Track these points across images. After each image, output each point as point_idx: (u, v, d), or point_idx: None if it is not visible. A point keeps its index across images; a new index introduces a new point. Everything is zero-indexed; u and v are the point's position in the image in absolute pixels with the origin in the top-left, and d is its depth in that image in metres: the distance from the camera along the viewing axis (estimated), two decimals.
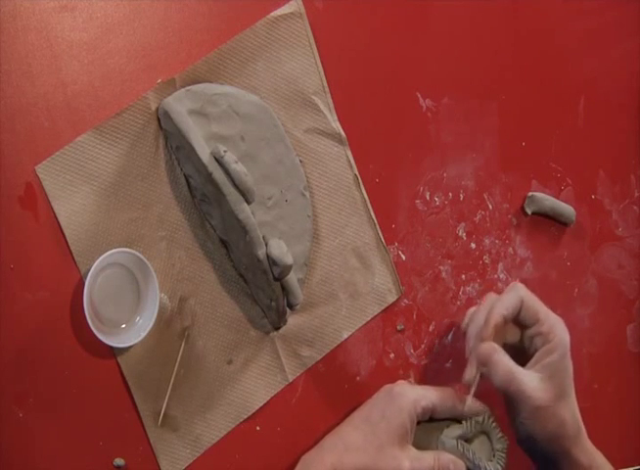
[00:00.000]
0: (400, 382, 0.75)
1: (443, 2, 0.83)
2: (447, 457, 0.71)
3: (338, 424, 0.74)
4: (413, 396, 0.71)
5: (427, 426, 0.73)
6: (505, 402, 0.74)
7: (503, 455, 0.73)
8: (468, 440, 0.73)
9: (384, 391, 0.73)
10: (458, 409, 0.72)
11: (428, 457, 0.70)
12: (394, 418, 0.70)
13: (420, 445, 0.72)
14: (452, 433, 0.72)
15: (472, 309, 0.77)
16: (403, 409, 0.70)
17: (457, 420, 0.73)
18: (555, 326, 0.72)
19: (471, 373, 0.73)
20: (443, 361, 0.82)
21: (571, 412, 0.72)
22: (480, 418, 0.73)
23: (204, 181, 0.70)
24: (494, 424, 0.73)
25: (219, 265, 0.74)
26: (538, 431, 0.71)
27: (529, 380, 0.70)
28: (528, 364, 0.72)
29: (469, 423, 0.72)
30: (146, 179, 0.71)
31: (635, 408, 0.91)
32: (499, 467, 0.72)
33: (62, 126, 0.69)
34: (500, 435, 0.73)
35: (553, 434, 0.71)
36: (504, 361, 0.70)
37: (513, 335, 0.75)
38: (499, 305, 0.73)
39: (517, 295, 0.73)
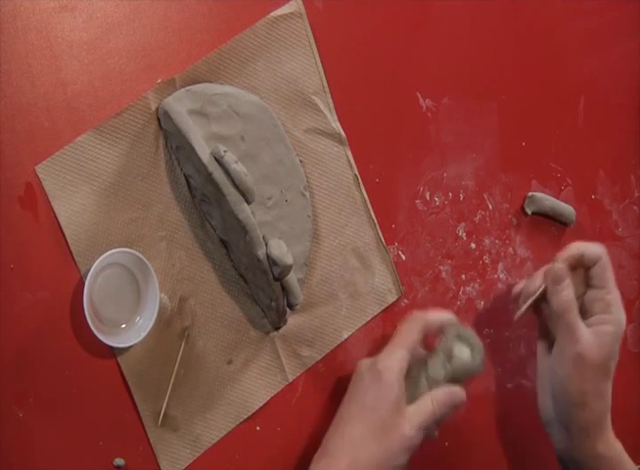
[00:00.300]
0: (371, 359, 0.73)
1: (443, 2, 0.83)
2: (441, 392, 0.71)
3: (340, 406, 0.74)
4: (396, 364, 0.71)
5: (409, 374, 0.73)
6: (539, 344, 0.76)
7: (480, 347, 0.73)
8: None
9: (366, 371, 0.72)
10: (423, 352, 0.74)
11: (423, 405, 0.70)
12: (389, 395, 0.70)
13: (412, 392, 0.72)
14: (434, 364, 0.73)
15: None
16: (393, 383, 0.70)
17: None
18: (618, 301, 0.73)
19: (534, 285, 0.74)
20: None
21: (599, 398, 0.73)
22: (451, 328, 0.74)
23: (204, 181, 0.70)
24: (462, 328, 0.74)
25: (219, 265, 0.74)
26: (572, 383, 0.72)
27: (585, 329, 0.72)
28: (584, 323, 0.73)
29: (444, 339, 0.73)
30: (146, 179, 0.71)
31: (635, 408, 0.91)
32: (479, 358, 0.72)
33: (62, 126, 0.69)
34: (472, 334, 0.74)
35: (583, 397, 0.72)
36: (571, 291, 0.72)
37: (576, 287, 0.75)
38: (582, 244, 0.74)
39: (600, 249, 0.74)
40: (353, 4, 0.79)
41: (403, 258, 0.81)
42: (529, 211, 0.86)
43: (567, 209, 0.87)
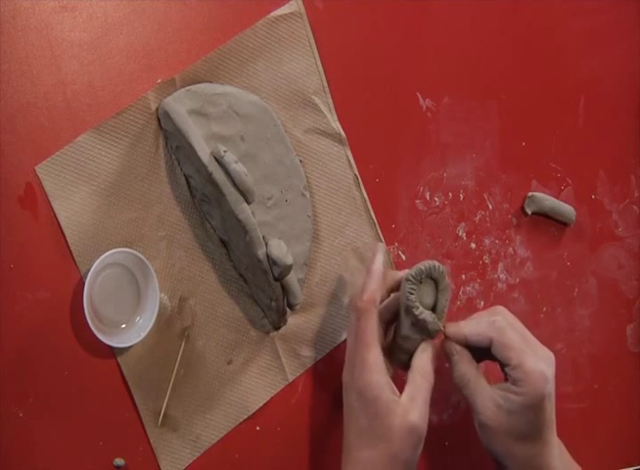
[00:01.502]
0: (350, 370, 0.70)
1: (443, 2, 0.83)
2: (424, 362, 0.69)
3: (337, 424, 0.73)
4: (373, 375, 0.67)
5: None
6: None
7: (445, 305, 0.70)
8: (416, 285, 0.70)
9: (350, 389, 0.69)
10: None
11: (416, 385, 0.68)
12: (379, 411, 0.67)
13: (396, 357, 0.72)
14: (402, 325, 0.71)
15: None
16: (379, 397, 0.67)
17: None
18: (529, 377, 0.67)
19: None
20: (444, 361, 0.82)
21: (517, 460, 0.70)
22: (434, 263, 0.70)
23: (204, 181, 0.70)
24: (446, 277, 0.70)
25: (219, 265, 0.74)
26: (485, 442, 0.71)
27: (489, 395, 0.69)
28: (498, 384, 0.69)
29: (421, 265, 0.69)
30: (146, 179, 0.71)
31: (635, 408, 0.91)
32: (437, 318, 0.69)
33: (62, 126, 0.69)
34: (448, 289, 0.70)
35: (493, 458, 0.71)
36: (462, 367, 0.70)
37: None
38: (471, 326, 0.70)
39: (487, 331, 0.69)
40: (353, 4, 0.79)
41: (403, 258, 0.81)
42: (529, 211, 0.86)
43: (567, 209, 0.87)
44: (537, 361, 0.67)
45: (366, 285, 0.70)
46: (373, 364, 0.68)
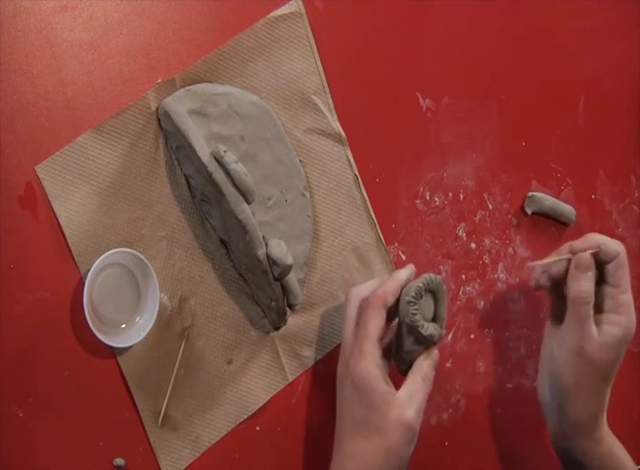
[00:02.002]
0: (344, 363, 0.71)
1: (443, 2, 0.83)
2: (426, 366, 0.70)
3: (335, 422, 0.73)
4: (370, 368, 0.68)
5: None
6: (548, 324, 0.75)
7: (445, 312, 0.71)
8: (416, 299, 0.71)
9: (344, 381, 0.70)
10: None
11: (414, 386, 0.69)
12: (374, 403, 0.67)
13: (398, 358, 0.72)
14: (402, 338, 0.71)
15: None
16: (374, 389, 0.67)
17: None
18: (630, 303, 0.71)
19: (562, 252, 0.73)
20: (443, 361, 0.82)
21: (594, 397, 0.72)
22: (431, 277, 0.71)
23: (204, 181, 0.70)
24: (442, 286, 0.72)
25: (219, 265, 0.74)
26: (567, 370, 0.71)
27: (593, 325, 0.70)
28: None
29: (419, 282, 0.70)
30: (146, 179, 0.71)
31: (635, 408, 0.91)
32: (437, 329, 0.70)
33: (62, 126, 0.69)
34: (445, 297, 0.72)
35: (576, 388, 0.71)
36: (592, 284, 0.71)
37: None
38: (602, 237, 0.72)
39: (619, 245, 0.72)
40: (353, 4, 0.79)
41: (403, 258, 0.81)
42: (529, 211, 0.86)
43: (567, 209, 0.87)
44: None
45: (385, 284, 0.71)
46: (370, 355, 0.68)
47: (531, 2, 0.87)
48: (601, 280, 0.73)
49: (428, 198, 0.82)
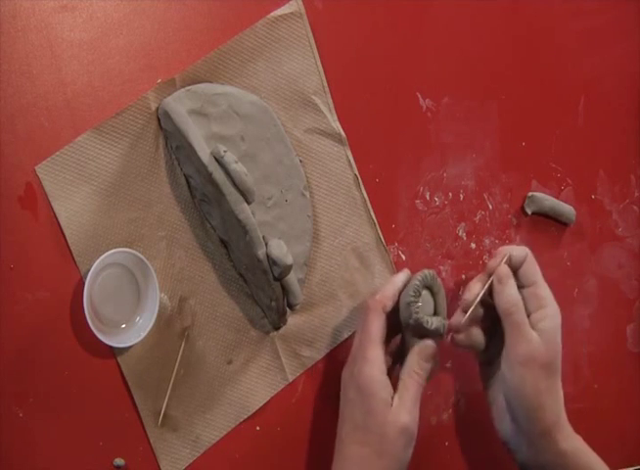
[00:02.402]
0: (350, 367, 0.72)
1: (443, 2, 0.83)
2: (415, 361, 0.71)
3: (337, 424, 0.73)
4: (374, 372, 0.69)
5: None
6: (482, 370, 0.76)
7: (444, 305, 0.73)
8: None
9: (348, 384, 0.71)
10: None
11: (406, 384, 0.70)
12: (375, 408, 0.68)
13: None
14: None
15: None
16: (376, 393, 0.68)
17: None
18: (549, 294, 0.73)
19: (474, 291, 0.73)
20: (444, 361, 0.82)
21: (553, 396, 0.72)
22: (424, 273, 0.73)
23: (204, 181, 0.70)
24: (437, 279, 0.74)
25: (219, 265, 0.74)
26: (526, 386, 0.71)
27: (530, 329, 0.71)
28: None
29: (415, 281, 0.72)
30: (146, 179, 0.71)
31: (635, 408, 0.91)
32: (441, 321, 0.72)
33: (62, 126, 0.69)
34: (441, 289, 0.74)
35: (537, 399, 0.71)
36: (515, 290, 0.72)
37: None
38: (508, 248, 0.74)
39: (524, 249, 0.74)
40: (353, 4, 0.79)
41: (403, 258, 0.81)
42: (529, 211, 0.86)
43: (567, 209, 0.87)
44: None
45: (382, 288, 0.73)
46: (372, 361, 0.69)
47: (531, 2, 0.87)
48: (519, 286, 0.74)
49: (428, 198, 0.82)
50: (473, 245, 0.85)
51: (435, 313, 0.73)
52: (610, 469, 0.74)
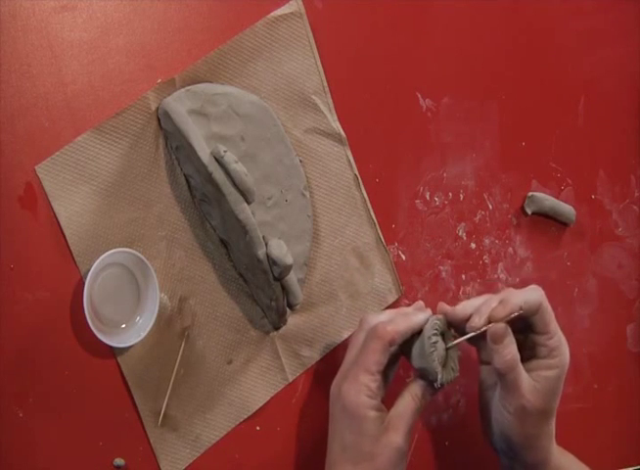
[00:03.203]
0: (338, 383, 0.70)
1: (443, 2, 0.83)
2: (418, 386, 0.69)
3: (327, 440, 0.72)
4: (362, 398, 0.67)
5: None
6: (482, 394, 0.74)
7: (456, 359, 0.71)
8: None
9: (335, 403, 0.70)
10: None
11: (404, 406, 0.68)
12: (364, 430, 0.67)
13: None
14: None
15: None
16: (365, 416, 0.67)
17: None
18: (562, 345, 0.70)
19: (471, 327, 0.69)
20: None
21: (543, 437, 0.71)
22: (439, 319, 0.70)
23: (204, 181, 0.70)
24: (450, 329, 0.71)
25: (219, 265, 0.74)
26: (515, 430, 0.70)
27: (526, 378, 0.69)
28: (525, 367, 0.70)
29: (433, 330, 0.69)
30: (146, 179, 0.71)
31: (635, 408, 0.91)
32: (452, 374, 0.70)
33: (62, 126, 0.69)
34: (453, 335, 0.71)
35: (527, 441, 0.70)
36: (513, 348, 0.68)
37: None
38: (520, 295, 0.69)
39: (539, 296, 0.70)
40: (353, 4, 0.79)
41: (403, 258, 0.81)
42: (529, 211, 0.86)
43: (567, 209, 0.87)
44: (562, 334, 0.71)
45: (397, 321, 0.69)
46: (364, 386, 0.67)
47: (531, 2, 0.87)
48: (528, 329, 0.71)
49: (428, 198, 0.82)
50: (473, 245, 0.85)
51: (446, 361, 0.70)
52: (610, 469, 0.74)
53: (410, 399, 0.69)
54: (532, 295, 0.69)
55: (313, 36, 0.77)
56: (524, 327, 0.70)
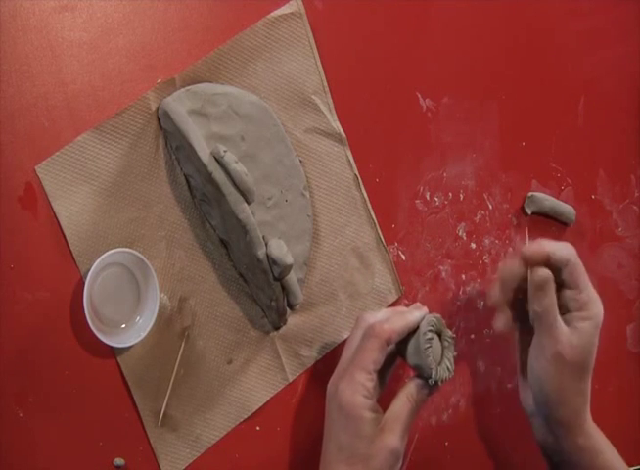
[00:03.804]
0: (334, 383, 0.70)
1: (443, 2, 0.83)
2: (413, 385, 0.69)
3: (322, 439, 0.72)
4: (358, 398, 0.67)
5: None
6: (521, 353, 0.75)
7: (451, 358, 0.71)
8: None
9: (332, 403, 0.69)
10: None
11: (400, 407, 0.68)
12: (360, 431, 0.67)
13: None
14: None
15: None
16: (361, 416, 0.67)
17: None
18: (592, 300, 0.71)
19: (511, 274, 0.72)
20: None
21: (577, 394, 0.72)
22: (436, 317, 0.71)
23: (204, 181, 0.70)
24: (446, 327, 0.72)
25: (219, 265, 0.74)
26: (550, 380, 0.71)
27: (563, 326, 0.70)
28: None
29: (428, 327, 0.70)
30: (146, 179, 0.71)
31: (635, 408, 0.91)
32: (447, 372, 0.70)
33: (62, 126, 0.69)
34: (450, 336, 0.71)
35: (562, 394, 0.71)
36: (552, 293, 0.70)
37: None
38: (551, 245, 0.71)
39: (568, 251, 0.71)
40: (353, 4, 0.79)
41: (403, 258, 0.81)
42: (529, 211, 0.86)
43: (567, 209, 0.87)
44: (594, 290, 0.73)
45: (393, 320, 0.70)
46: (360, 385, 0.67)
47: (531, 2, 0.87)
48: (559, 283, 0.72)
49: (428, 198, 0.82)
50: (473, 245, 0.85)
51: (441, 361, 0.70)
52: None
53: (406, 399, 0.69)
54: (562, 248, 0.71)
55: (313, 36, 0.77)
56: (556, 282, 0.72)
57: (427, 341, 0.69)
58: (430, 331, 0.69)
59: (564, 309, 0.72)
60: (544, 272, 0.71)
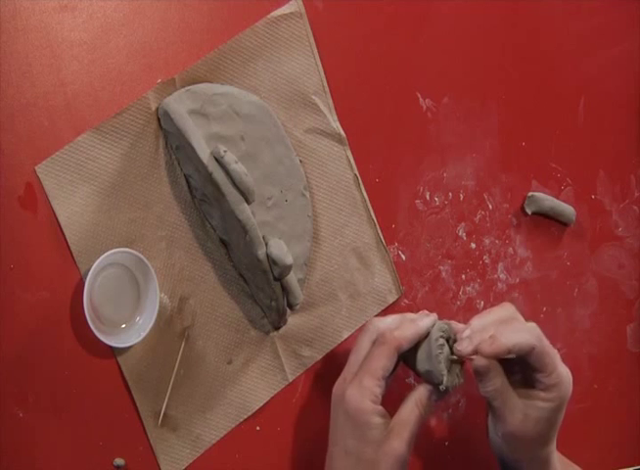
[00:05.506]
0: (342, 387, 0.69)
1: (443, 2, 0.83)
2: (423, 391, 0.68)
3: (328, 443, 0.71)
4: (367, 403, 0.67)
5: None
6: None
7: (462, 367, 0.70)
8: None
9: (339, 407, 0.69)
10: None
11: (408, 413, 0.67)
12: (368, 436, 0.66)
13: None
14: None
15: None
16: (368, 422, 0.66)
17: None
18: (561, 382, 0.68)
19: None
20: None
21: (543, 460, 0.71)
22: (447, 323, 0.70)
23: (204, 181, 0.70)
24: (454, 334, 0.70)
25: (219, 265, 0.74)
26: (505, 453, 0.71)
27: (517, 406, 0.68)
28: (522, 393, 0.69)
29: (439, 333, 0.69)
30: (146, 179, 0.71)
31: (635, 408, 0.91)
32: (457, 378, 0.69)
33: (62, 126, 0.69)
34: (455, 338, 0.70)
35: (519, 463, 0.71)
36: (497, 380, 0.67)
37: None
38: (512, 337, 0.67)
39: (532, 338, 0.67)
40: (353, 4, 0.79)
41: (403, 258, 0.81)
42: (529, 211, 0.86)
43: (567, 209, 0.87)
44: (562, 364, 0.69)
45: (404, 327, 0.69)
46: (368, 391, 0.67)
47: (531, 2, 0.87)
48: (525, 365, 0.68)
49: (428, 198, 0.82)
50: (473, 245, 0.85)
51: (450, 367, 0.69)
52: (610, 469, 0.74)
53: (414, 405, 0.68)
54: (525, 337, 0.67)
55: (313, 36, 0.77)
56: (521, 361, 0.69)
57: (439, 347, 0.68)
58: (441, 337, 0.69)
59: (529, 382, 0.69)
60: (482, 362, 0.66)
